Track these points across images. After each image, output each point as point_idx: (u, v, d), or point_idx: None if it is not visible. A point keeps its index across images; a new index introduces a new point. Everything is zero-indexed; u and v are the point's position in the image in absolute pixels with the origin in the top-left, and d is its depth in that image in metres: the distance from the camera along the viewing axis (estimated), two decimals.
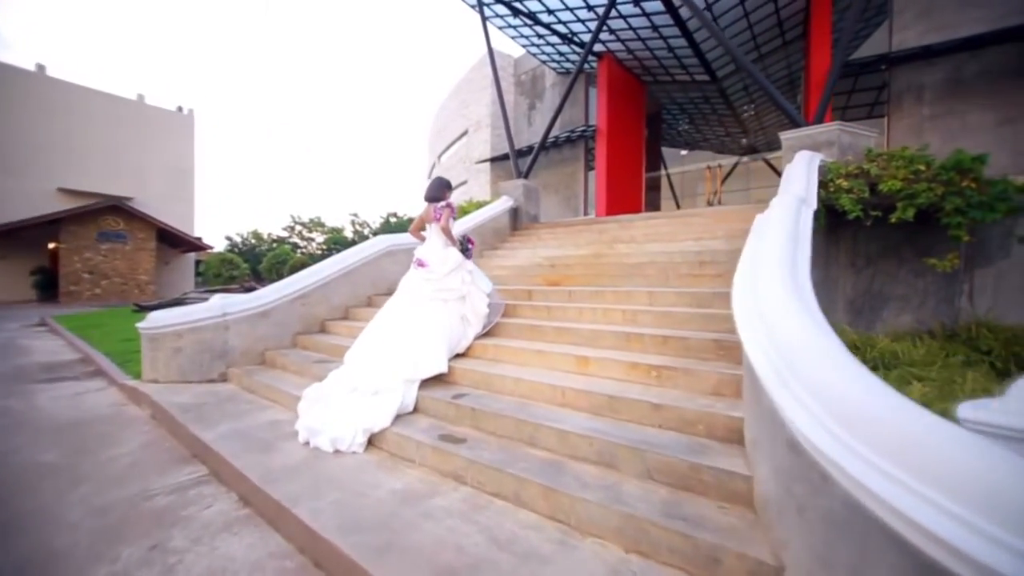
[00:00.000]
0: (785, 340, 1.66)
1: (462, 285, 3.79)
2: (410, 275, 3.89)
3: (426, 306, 3.63)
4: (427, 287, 3.70)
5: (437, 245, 3.88)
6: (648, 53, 11.55)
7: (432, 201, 3.93)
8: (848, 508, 1.14)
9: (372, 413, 2.94)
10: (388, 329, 3.58)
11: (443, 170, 19.96)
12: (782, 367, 1.56)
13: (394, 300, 3.87)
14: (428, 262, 3.77)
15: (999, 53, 9.12)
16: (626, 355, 3.05)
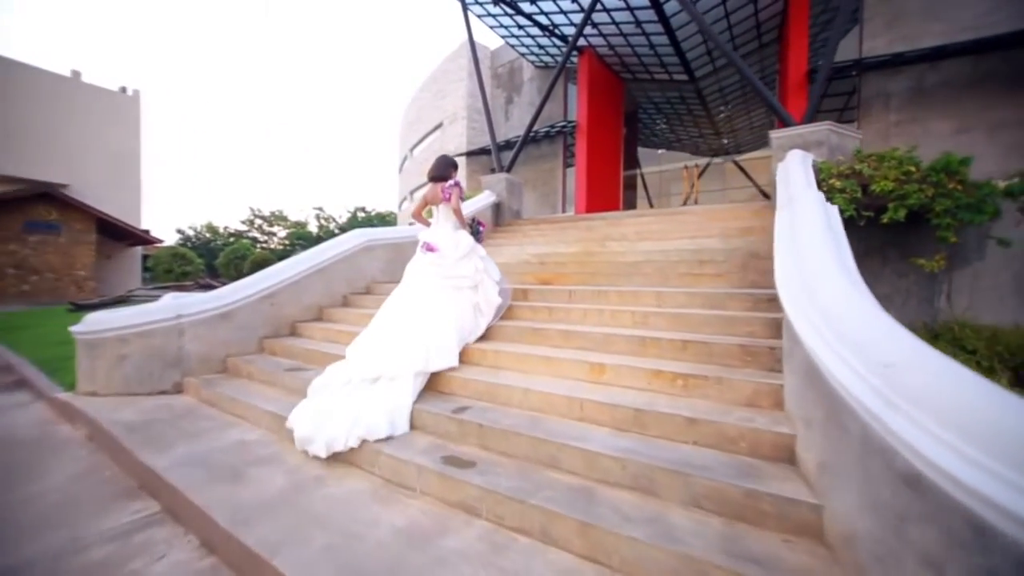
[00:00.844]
0: (878, 353, 1.43)
1: (475, 272, 3.52)
2: (417, 261, 3.57)
3: (436, 294, 3.33)
4: (437, 273, 3.41)
5: (446, 228, 3.60)
6: (629, 49, 11.45)
7: (438, 180, 3.66)
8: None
9: (374, 406, 2.66)
10: (395, 319, 3.25)
11: (416, 164, 19.32)
12: (882, 386, 1.32)
13: (400, 290, 3.53)
14: (439, 246, 3.47)
15: (956, 65, 9.55)
16: (644, 361, 2.79)
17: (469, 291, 3.49)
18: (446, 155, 3.84)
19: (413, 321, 3.20)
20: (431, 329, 3.15)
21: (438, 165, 3.70)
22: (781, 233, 2.71)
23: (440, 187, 3.64)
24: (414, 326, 3.16)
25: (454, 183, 3.66)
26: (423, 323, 3.18)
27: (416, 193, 19.82)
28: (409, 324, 3.18)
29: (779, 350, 2.51)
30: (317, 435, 2.57)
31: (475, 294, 3.54)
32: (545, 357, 3.02)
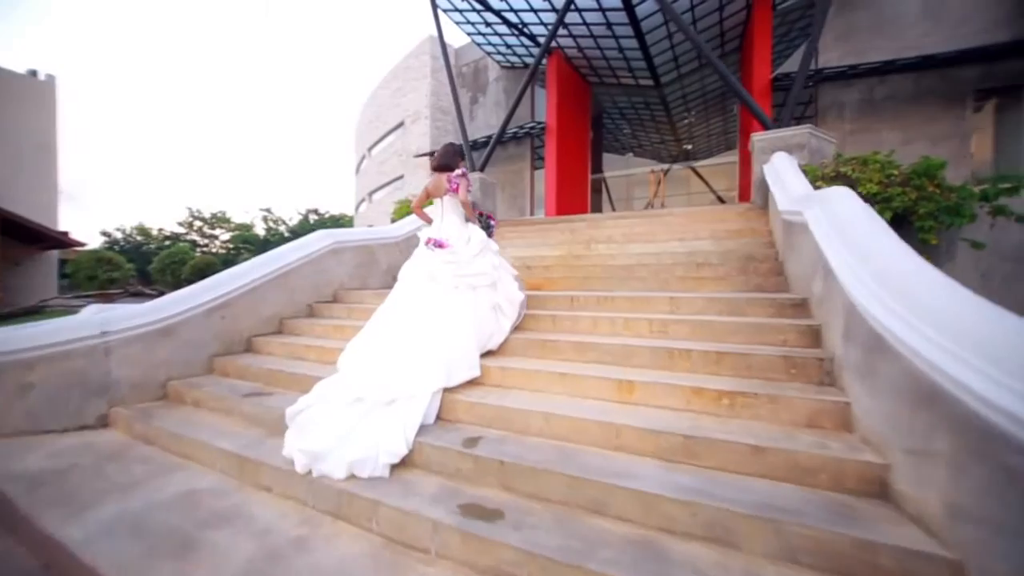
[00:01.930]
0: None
1: (493, 269, 3.20)
2: (422, 260, 3.19)
3: (449, 295, 2.99)
4: (449, 272, 3.05)
5: (454, 222, 3.30)
6: (599, 52, 11.39)
7: (443, 170, 3.34)
8: None
9: (392, 428, 2.32)
10: (402, 326, 2.86)
11: (375, 164, 18.45)
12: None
13: (401, 294, 3.15)
14: (449, 241, 3.16)
15: (901, 80, 10.20)
16: (676, 377, 2.47)
17: (487, 290, 3.13)
18: (452, 142, 3.52)
19: (426, 328, 2.80)
20: (449, 336, 2.78)
21: (444, 153, 3.38)
22: (827, 232, 2.47)
23: (446, 177, 3.29)
24: (428, 334, 2.77)
25: (461, 172, 3.31)
26: (438, 330, 2.80)
27: (376, 195, 18.92)
28: (421, 331, 2.78)
29: (828, 361, 2.27)
30: (334, 452, 2.19)
31: (494, 293, 3.18)
32: (561, 374, 2.63)
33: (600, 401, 2.47)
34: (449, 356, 2.68)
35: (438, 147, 15.07)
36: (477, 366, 2.81)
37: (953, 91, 9.82)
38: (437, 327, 2.81)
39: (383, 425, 2.34)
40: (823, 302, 2.51)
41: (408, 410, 2.41)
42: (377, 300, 4.63)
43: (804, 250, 3.05)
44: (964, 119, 9.84)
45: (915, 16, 10.06)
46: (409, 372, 2.55)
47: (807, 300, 2.90)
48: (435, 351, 2.67)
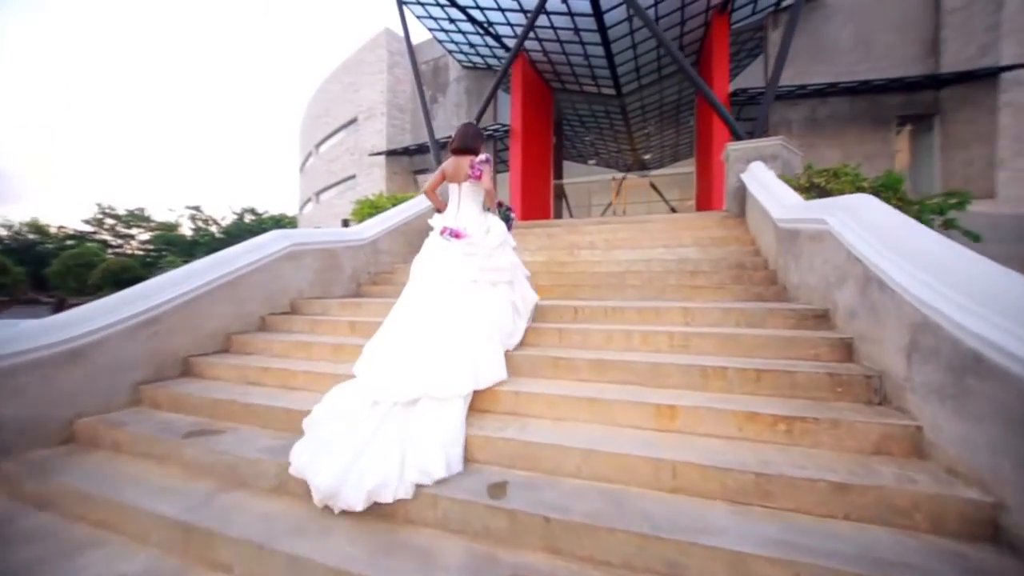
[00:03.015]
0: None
1: (512, 266, 3.04)
2: (437, 251, 2.91)
3: (469, 290, 2.74)
4: (469, 265, 2.81)
5: (473, 211, 3.04)
6: (564, 58, 11.34)
7: (464, 153, 3.07)
8: None
9: (422, 437, 2.05)
10: (421, 322, 2.58)
11: (324, 162, 17.29)
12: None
13: (417, 287, 2.85)
14: (467, 232, 2.90)
15: (839, 103, 11.02)
16: (720, 399, 2.21)
17: (506, 287, 2.93)
18: (472, 123, 3.24)
19: (447, 324, 2.55)
20: (473, 333, 2.55)
21: (465, 134, 3.09)
22: (866, 239, 2.31)
23: (468, 161, 3.01)
24: (450, 330, 2.52)
25: (485, 158, 3.01)
26: (461, 326, 2.55)
27: (324, 195, 17.74)
28: (442, 327, 2.52)
29: (877, 379, 2.11)
30: (345, 483, 1.85)
31: (512, 291, 2.99)
32: (589, 400, 2.28)
33: (638, 430, 2.15)
34: (475, 355, 2.43)
35: (398, 146, 14.43)
36: (504, 368, 2.58)
37: (881, 115, 10.74)
38: (459, 323, 2.55)
39: (409, 433, 2.05)
40: (860, 314, 2.36)
41: (444, 416, 2.14)
42: (345, 311, 4.07)
43: (819, 259, 2.94)
44: (889, 141, 10.81)
45: (848, 46, 10.92)
46: (433, 370, 2.28)
47: (828, 311, 2.78)
48: (460, 348, 2.42)
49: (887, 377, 2.07)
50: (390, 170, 14.51)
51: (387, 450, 1.97)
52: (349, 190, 15.73)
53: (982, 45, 9.88)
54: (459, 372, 2.33)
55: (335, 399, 2.30)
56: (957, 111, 10.21)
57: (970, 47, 10.06)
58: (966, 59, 10.04)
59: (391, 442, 2.00)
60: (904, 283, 1.91)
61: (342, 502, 1.83)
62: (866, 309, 2.29)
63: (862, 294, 2.33)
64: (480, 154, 3.07)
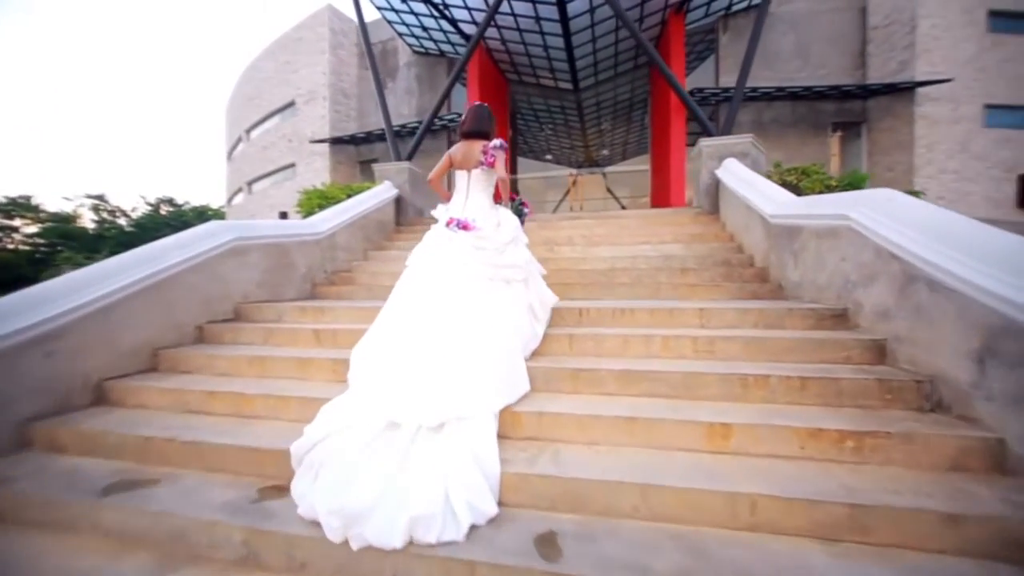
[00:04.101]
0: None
1: (526, 263, 2.73)
2: (442, 242, 2.59)
3: (483, 289, 2.41)
4: (482, 260, 2.51)
5: (483, 201, 2.76)
6: (522, 48, 10.99)
7: (475, 137, 2.80)
8: None
9: (467, 468, 1.70)
10: (429, 325, 2.20)
11: (257, 149, 15.72)
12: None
13: (415, 285, 2.46)
14: (477, 223, 2.61)
15: (782, 107, 11.64)
16: (771, 412, 1.98)
17: (521, 286, 2.63)
18: (484, 104, 2.93)
19: (467, 328, 2.19)
20: (497, 339, 2.22)
21: (478, 116, 2.83)
22: (907, 234, 2.18)
23: (480, 147, 2.76)
24: (474, 336, 2.17)
25: (500, 144, 2.75)
26: (484, 331, 2.21)
27: (257, 184, 16.15)
28: (463, 333, 2.16)
29: (928, 384, 1.98)
30: (380, 505, 1.56)
31: (527, 291, 2.68)
32: (625, 419, 1.97)
33: (689, 453, 1.87)
34: (498, 366, 2.11)
35: (343, 134, 13.37)
36: (527, 379, 2.28)
37: (819, 121, 11.49)
38: (480, 327, 2.21)
39: (443, 463, 1.71)
40: (898, 315, 2.24)
41: (477, 442, 1.79)
42: (306, 317, 3.47)
43: (834, 256, 2.84)
44: (826, 145, 11.62)
45: (789, 54, 11.57)
46: (461, 385, 1.96)
47: (847, 311, 2.68)
48: (487, 357, 2.11)
49: (943, 383, 1.94)
50: (334, 159, 13.43)
51: (426, 477, 1.64)
52: (287, 180, 14.40)
53: (901, 61, 10.84)
54: (491, 386, 2.01)
55: (340, 414, 1.92)
56: (881, 120, 11.15)
57: (891, 63, 11.01)
58: (889, 73, 10.99)
59: (427, 470, 1.67)
60: (974, 281, 1.77)
61: (372, 530, 1.49)
62: (908, 310, 2.17)
63: (901, 293, 2.21)
64: (494, 139, 2.80)
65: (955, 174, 10.52)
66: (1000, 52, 10.79)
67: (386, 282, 4.68)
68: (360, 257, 5.49)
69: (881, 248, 2.36)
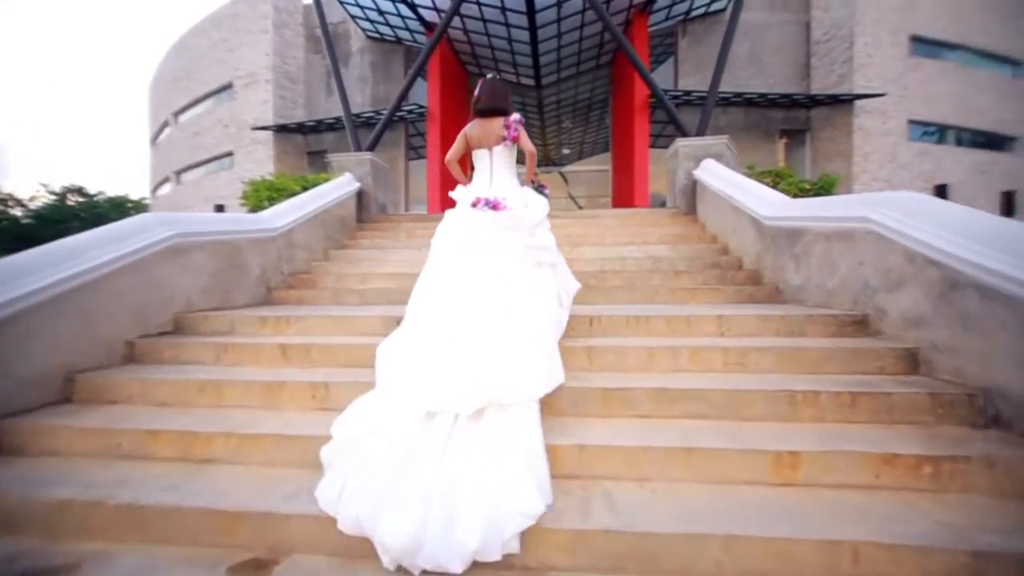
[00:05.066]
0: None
1: (554, 247, 2.59)
2: (470, 224, 2.40)
3: (517, 271, 2.26)
4: (512, 241, 2.34)
5: (508, 180, 2.66)
6: (486, 40, 10.61)
7: (494, 114, 2.69)
8: None
9: (507, 461, 1.55)
10: (461, 311, 2.04)
11: (187, 136, 14.16)
12: None
13: (443, 271, 2.30)
14: (508, 202, 2.46)
15: (736, 112, 12.09)
16: (830, 436, 1.80)
17: (550, 270, 2.48)
18: (496, 78, 2.82)
19: (504, 310, 2.04)
20: (535, 322, 2.07)
21: (494, 92, 2.72)
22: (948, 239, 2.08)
23: (501, 122, 2.64)
24: (511, 317, 2.02)
25: (519, 118, 2.67)
26: (522, 313, 2.07)
27: (188, 174, 14.56)
28: (500, 314, 2.01)
29: (982, 396, 1.89)
30: (427, 529, 1.37)
31: (555, 277, 2.52)
32: (682, 450, 1.71)
33: (755, 487, 1.63)
34: (536, 350, 1.95)
35: (286, 121, 12.36)
36: (562, 369, 2.04)
37: (768, 127, 12.07)
38: (517, 309, 2.07)
39: (484, 457, 1.56)
40: (936, 323, 2.15)
41: (520, 432, 1.65)
42: (267, 329, 2.93)
43: (849, 259, 2.76)
44: (775, 151, 12.23)
45: (743, 61, 12.04)
46: (501, 368, 1.79)
47: (867, 317, 2.59)
48: (527, 339, 1.96)
49: (1001, 397, 1.85)
50: (279, 149, 12.35)
51: (468, 481, 1.48)
52: (224, 170, 13.08)
53: (840, 74, 11.61)
54: (533, 369, 1.85)
55: (367, 416, 1.76)
56: (823, 129, 11.89)
57: (832, 75, 11.77)
58: (830, 85, 11.73)
59: (467, 470, 1.52)
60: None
61: (425, 560, 1.34)
62: (950, 318, 2.07)
63: (941, 300, 2.12)
64: (513, 114, 2.70)
65: (886, 182, 11.42)
66: (919, 73, 11.86)
67: (354, 285, 4.19)
68: (320, 257, 4.90)
69: (913, 252, 2.27)
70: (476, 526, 1.36)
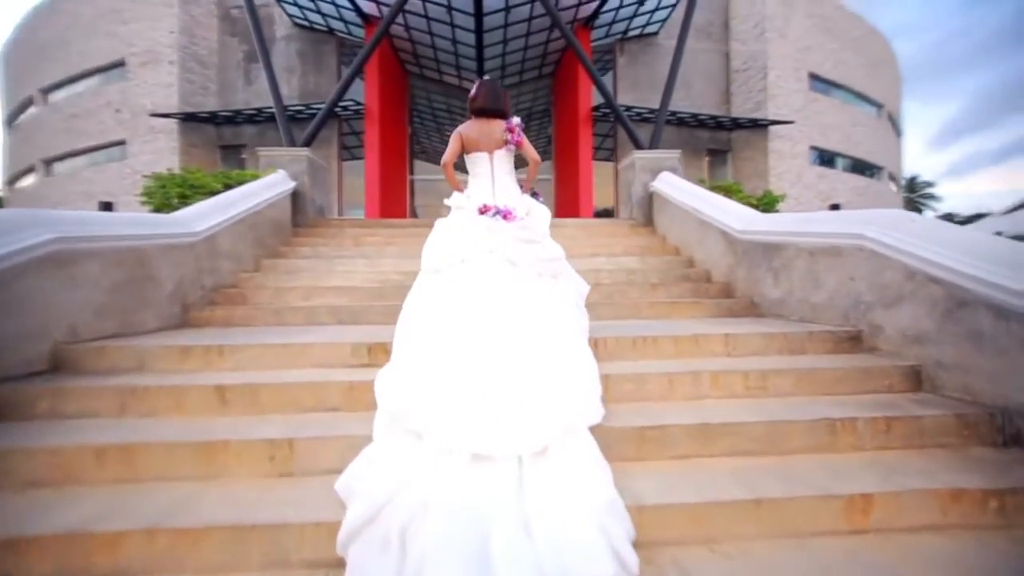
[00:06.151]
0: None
1: (562, 255, 2.40)
2: (483, 233, 2.18)
3: (541, 285, 2.12)
4: (531, 255, 2.18)
5: (511, 187, 2.48)
6: (429, 39, 10.13)
7: (494, 115, 2.52)
8: None
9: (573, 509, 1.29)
10: (489, 328, 1.77)
11: (63, 117, 11.91)
12: None
13: (461, 286, 2.00)
14: (517, 212, 2.31)
15: (670, 130, 12.63)
16: (876, 466, 1.68)
17: (565, 279, 2.36)
18: (495, 78, 2.93)
19: (541, 328, 1.86)
20: (570, 343, 1.91)
21: (493, 93, 2.54)
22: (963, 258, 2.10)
23: (500, 126, 2.50)
24: (551, 337, 1.85)
25: (521, 124, 2.53)
26: (559, 331, 1.91)
27: (60, 165, 12.22)
28: (538, 333, 1.82)
29: (1000, 415, 1.89)
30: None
31: (569, 287, 2.37)
32: (751, 502, 1.47)
33: (828, 539, 1.44)
34: (583, 369, 1.82)
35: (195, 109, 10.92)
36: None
37: (697, 147, 12.89)
38: (554, 327, 1.91)
39: (546, 512, 1.28)
40: (942, 341, 2.16)
41: (584, 471, 1.41)
42: (188, 362, 2.29)
43: (838, 275, 2.78)
44: (702, 169, 13.10)
45: (675, 83, 12.79)
46: (554, 394, 1.58)
47: (861, 333, 2.61)
48: (569, 363, 1.78)
49: (1019, 416, 1.86)
50: (186, 140, 10.78)
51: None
52: (113, 161, 11.14)
53: (757, 101, 12.74)
54: (583, 392, 1.69)
55: (391, 467, 1.39)
56: (743, 151, 12.96)
57: (749, 102, 12.88)
58: (748, 110, 12.82)
59: (531, 537, 1.23)
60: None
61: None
62: (959, 336, 2.08)
63: (947, 318, 2.14)
64: (514, 117, 2.53)
65: (795, 200, 12.69)
66: (817, 106, 13.40)
67: (297, 302, 3.56)
68: (251, 267, 4.15)
69: (913, 269, 2.29)
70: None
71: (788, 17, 12.80)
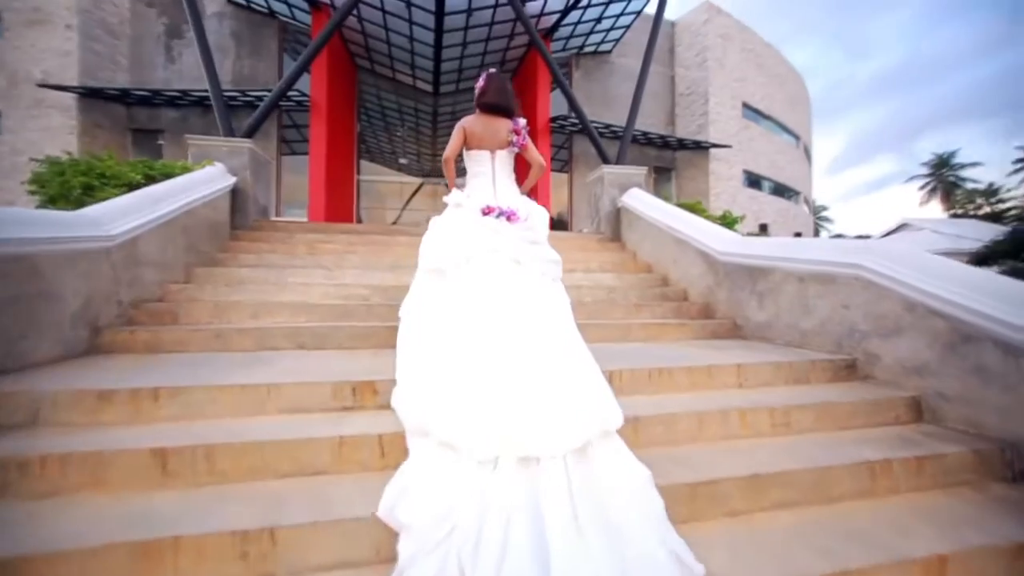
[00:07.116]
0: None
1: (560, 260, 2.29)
2: (487, 234, 2.07)
3: (547, 287, 2.04)
4: (535, 256, 2.08)
5: (512, 188, 2.36)
6: (383, 33, 9.56)
7: (499, 113, 2.36)
8: None
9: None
10: (507, 336, 1.70)
11: None
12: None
13: (469, 290, 1.90)
14: (523, 212, 2.18)
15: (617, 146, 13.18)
16: (929, 516, 1.61)
17: (560, 285, 2.20)
18: (500, 73, 2.50)
19: (555, 331, 1.82)
20: (580, 345, 1.85)
21: (501, 89, 2.41)
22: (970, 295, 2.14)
23: (506, 125, 2.36)
24: (565, 339, 1.82)
25: (527, 126, 2.41)
26: (569, 334, 1.88)
27: None
28: (554, 337, 1.78)
29: (1009, 451, 1.93)
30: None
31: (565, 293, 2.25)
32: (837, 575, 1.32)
33: None
34: (597, 370, 1.76)
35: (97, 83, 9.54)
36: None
37: (644, 162, 13.27)
38: (564, 331, 1.88)
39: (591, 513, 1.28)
40: (943, 373, 2.20)
41: (625, 474, 1.43)
42: (105, 412, 1.76)
43: (831, 301, 2.81)
44: (649, 186, 13.63)
45: (625, 99, 13.12)
46: (583, 396, 1.57)
47: (856, 361, 2.64)
48: (585, 362, 1.75)
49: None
50: (88, 120, 9.25)
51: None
52: None
53: (699, 124, 13.51)
54: (605, 393, 1.65)
55: (434, 485, 1.33)
56: (686, 170, 13.66)
57: (692, 124, 13.63)
58: (691, 132, 13.56)
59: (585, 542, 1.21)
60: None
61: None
62: (963, 369, 2.13)
63: (950, 352, 2.18)
64: (520, 118, 2.42)
65: None
66: (749, 133, 14.52)
67: (243, 321, 3.02)
68: (181, 278, 3.48)
69: (913, 301, 2.33)
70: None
71: (726, 48, 13.75)
